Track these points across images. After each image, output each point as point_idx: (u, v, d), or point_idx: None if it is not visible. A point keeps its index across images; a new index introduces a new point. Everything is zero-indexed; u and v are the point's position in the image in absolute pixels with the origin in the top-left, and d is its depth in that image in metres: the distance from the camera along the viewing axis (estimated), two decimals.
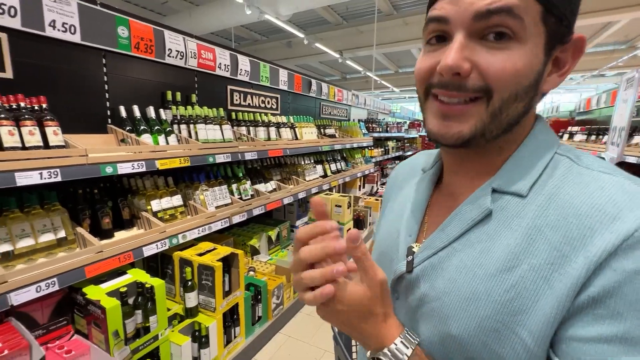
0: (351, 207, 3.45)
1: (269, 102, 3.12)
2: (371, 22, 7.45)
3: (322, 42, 8.23)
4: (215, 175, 2.23)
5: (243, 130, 2.50)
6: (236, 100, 2.70)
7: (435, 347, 0.44)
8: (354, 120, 5.38)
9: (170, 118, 2.00)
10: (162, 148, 1.70)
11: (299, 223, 3.26)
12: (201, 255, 1.79)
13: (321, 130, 3.70)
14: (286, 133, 2.92)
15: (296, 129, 3.08)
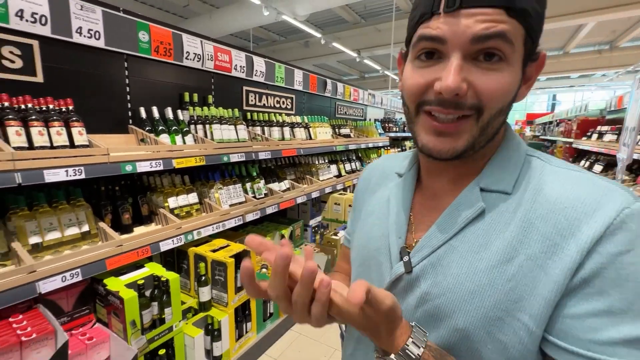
0: None
1: (283, 103, 3.16)
2: (389, 21, 7.37)
3: (339, 41, 8.23)
4: (230, 174, 2.30)
5: (258, 130, 2.56)
6: (251, 100, 2.76)
7: (440, 341, 0.46)
8: (370, 120, 5.36)
9: (187, 118, 2.07)
10: (179, 147, 1.77)
11: (313, 222, 3.29)
12: (215, 251, 1.85)
13: (336, 130, 3.71)
14: (300, 133, 2.96)
15: (310, 129, 3.11)
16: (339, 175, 3.54)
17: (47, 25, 1.42)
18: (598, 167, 4.28)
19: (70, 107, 1.43)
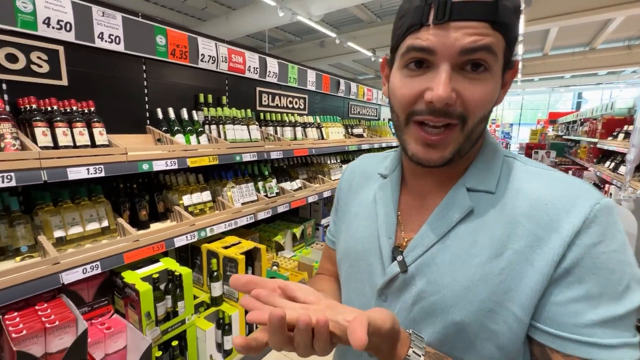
0: None
1: (296, 103, 3.20)
2: None
3: (355, 40, 8.20)
4: (243, 173, 2.35)
5: (270, 130, 2.60)
6: (264, 101, 2.81)
7: (436, 336, 0.48)
8: (384, 119, 5.32)
9: (202, 119, 2.14)
10: (193, 147, 1.83)
11: (324, 221, 3.31)
12: (227, 248, 1.90)
13: (348, 130, 3.72)
14: (312, 133, 2.98)
15: (322, 129, 3.13)
16: None
17: (72, 32, 1.50)
18: (623, 169, 4.09)
19: (92, 109, 1.51)
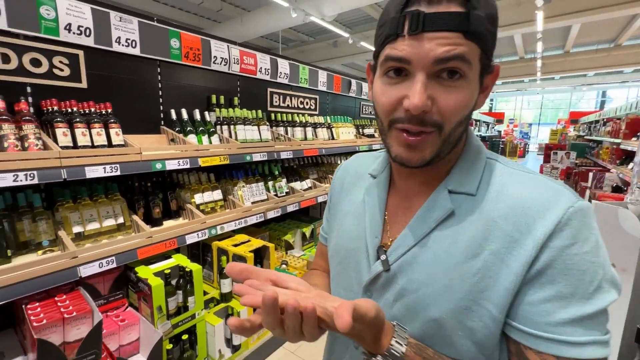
0: None
1: (307, 103, 3.22)
2: None
3: (368, 40, 8.17)
4: (254, 172, 2.39)
5: (281, 130, 2.64)
6: (275, 101, 2.85)
7: (415, 332, 0.50)
8: None
9: (214, 119, 2.19)
10: (205, 147, 1.88)
11: None
12: (236, 246, 1.95)
13: (359, 130, 3.72)
14: (322, 133, 3.00)
15: (333, 129, 3.14)
16: None
17: (91, 37, 1.57)
18: None
19: (109, 110, 1.58)
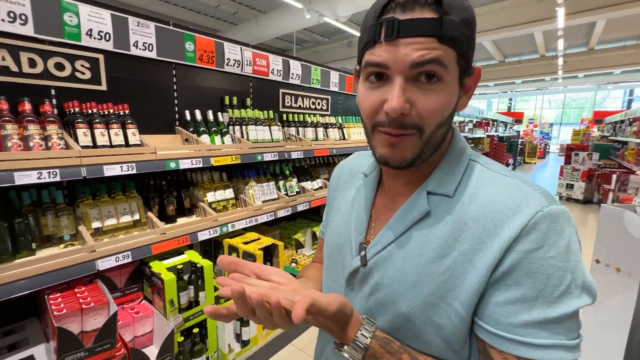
0: None
1: (319, 104, 3.25)
2: None
3: None
4: (265, 172, 2.44)
5: (292, 130, 2.67)
6: (287, 102, 2.88)
7: (387, 324, 0.52)
8: None
9: (227, 120, 2.25)
10: (217, 147, 1.93)
11: None
12: (246, 243, 1.99)
13: None
14: (334, 133, 3.02)
15: (344, 129, 3.16)
16: None
17: (110, 41, 1.65)
18: None
19: (127, 111, 1.65)
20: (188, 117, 2.03)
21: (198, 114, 2.04)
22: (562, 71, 12.22)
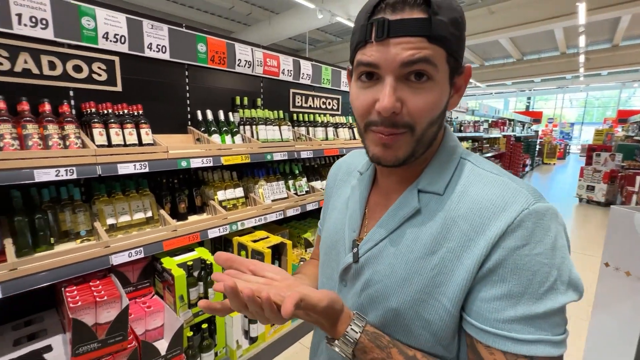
0: None
1: (329, 104, 3.25)
2: None
3: None
4: (275, 171, 2.46)
5: (302, 130, 2.69)
6: (298, 102, 2.90)
7: (378, 320, 0.54)
8: None
9: (237, 120, 2.28)
10: (227, 146, 1.96)
11: None
12: (255, 241, 2.02)
13: None
14: (344, 133, 3.02)
15: (354, 129, 3.15)
16: None
17: (126, 44, 1.70)
18: None
19: (140, 112, 1.70)
20: (200, 117, 2.07)
21: (209, 114, 2.08)
22: (583, 69, 11.79)
